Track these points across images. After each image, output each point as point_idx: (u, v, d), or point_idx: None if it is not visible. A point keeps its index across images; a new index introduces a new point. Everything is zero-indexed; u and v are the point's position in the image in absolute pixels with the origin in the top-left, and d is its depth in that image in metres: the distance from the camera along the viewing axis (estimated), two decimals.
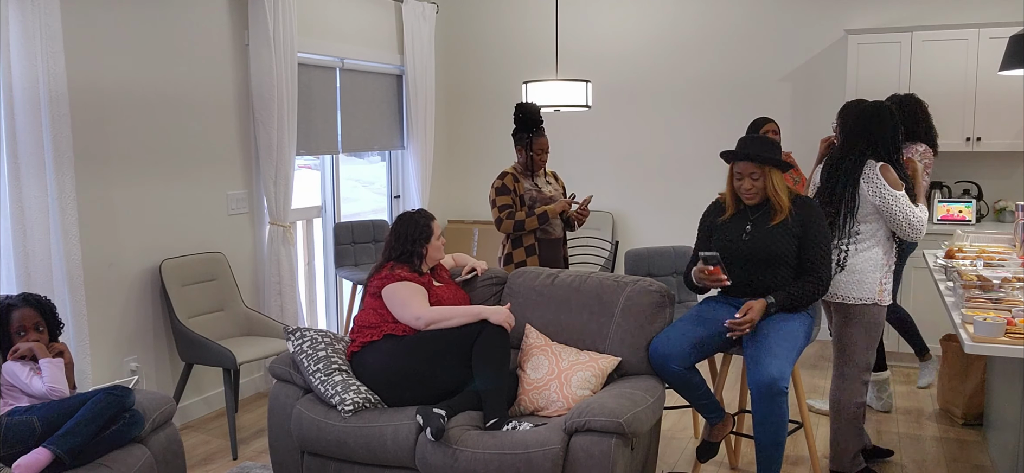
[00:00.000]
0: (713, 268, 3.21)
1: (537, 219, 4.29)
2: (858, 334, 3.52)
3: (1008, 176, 5.60)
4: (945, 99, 5.34)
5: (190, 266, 4.45)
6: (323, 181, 5.92)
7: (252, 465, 3.94)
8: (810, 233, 3.29)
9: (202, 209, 4.66)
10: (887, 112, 3.53)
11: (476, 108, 6.99)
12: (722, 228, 3.43)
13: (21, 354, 3.00)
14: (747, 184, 3.30)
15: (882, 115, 3.52)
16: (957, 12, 5.55)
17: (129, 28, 4.17)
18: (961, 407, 4.38)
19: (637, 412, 2.95)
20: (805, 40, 6.02)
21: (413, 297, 3.37)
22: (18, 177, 3.60)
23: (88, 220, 3.99)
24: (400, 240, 3.54)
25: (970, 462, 3.92)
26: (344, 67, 5.77)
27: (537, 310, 3.55)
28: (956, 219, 5.27)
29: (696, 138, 6.34)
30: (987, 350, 2.75)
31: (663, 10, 6.37)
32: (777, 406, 3.07)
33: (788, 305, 3.24)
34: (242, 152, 4.90)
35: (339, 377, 3.26)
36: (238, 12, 4.81)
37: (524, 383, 3.33)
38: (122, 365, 4.23)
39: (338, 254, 5.71)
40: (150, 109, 4.31)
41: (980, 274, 3.45)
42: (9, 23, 3.51)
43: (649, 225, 6.59)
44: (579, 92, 4.91)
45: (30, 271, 3.66)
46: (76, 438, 2.77)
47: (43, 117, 3.64)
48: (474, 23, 6.96)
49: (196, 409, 4.64)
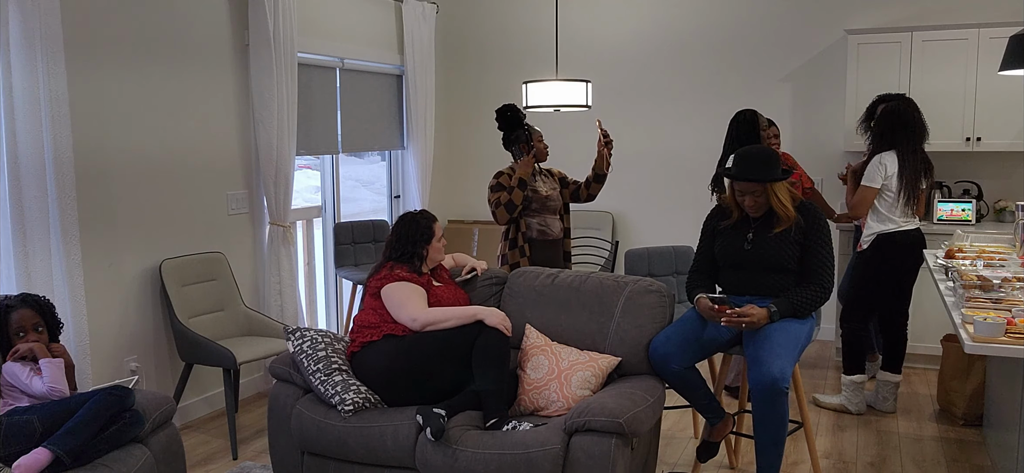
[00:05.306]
0: (720, 307, 3.22)
1: (518, 186, 4.27)
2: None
3: (1008, 176, 5.60)
4: (945, 99, 5.34)
5: (190, 266, 4.45)
6: (323, 181, 5.92)
7: (252, 465, 3.94)
8: (812, 240, 3.28)
9: (202, 209, 4.66)
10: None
11: (476, 108, 6.98)
12: (725, 234, 3.43)
13: (21, 354, 3.00)
14: (749, 201, 3.30)
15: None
16: (957, 12, 5.55)
17: (130, 29, 4.17)
18: (961, 407, 4.38)
19: (637, 412, 2.95)
20: (805, 40, 6.02)
21: (410, 298, 3.36)
22: (18, 177, 3.60)
23: (88, 219, 3.99)
24: (401, 240, 3.54)
25: (970, 462, 3.92)
26: (344, 67, 5.77)
27: (537, 310, 3.55)
28: (956, 219, 5.27)
29: (696, 138, 6.34)
30: (987, 350, 2.75)
31: (663, 10, 6.38)
32: (777, 406, 3.06)
33: (790, 313, 3.24)
34: (242, 152, 4.91)
35: (339, 377, 3.26)
36: (238, 12, 4.81)
37: (524, 383, 3.33)
38: (122, 365, 4.23)
39: (338, 254, 5.71)
40: (150, 108, 4.31)
41: (980, 274, 3.45)
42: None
43: (649, 225, 6.59)
44: (579, 92, 4.91)
45: (30, 271, 3.66)
46: (76, 438, 2.77)
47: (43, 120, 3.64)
48: (474, 23, 6.96)
49: (196, 409, 4.64)
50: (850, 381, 4.52)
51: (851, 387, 4.52)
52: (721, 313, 3.19)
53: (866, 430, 4.32)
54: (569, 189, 4.54)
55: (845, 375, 4.54)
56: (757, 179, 3.24)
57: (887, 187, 4.27)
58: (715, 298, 3.24)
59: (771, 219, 3.33)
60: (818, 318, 3.51)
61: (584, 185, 4.51)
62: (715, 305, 3.22)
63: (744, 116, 4.45)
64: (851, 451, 4.05)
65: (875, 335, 4.93)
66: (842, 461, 3.93)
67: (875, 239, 4.33)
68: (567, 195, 4.54)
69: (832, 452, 4.04)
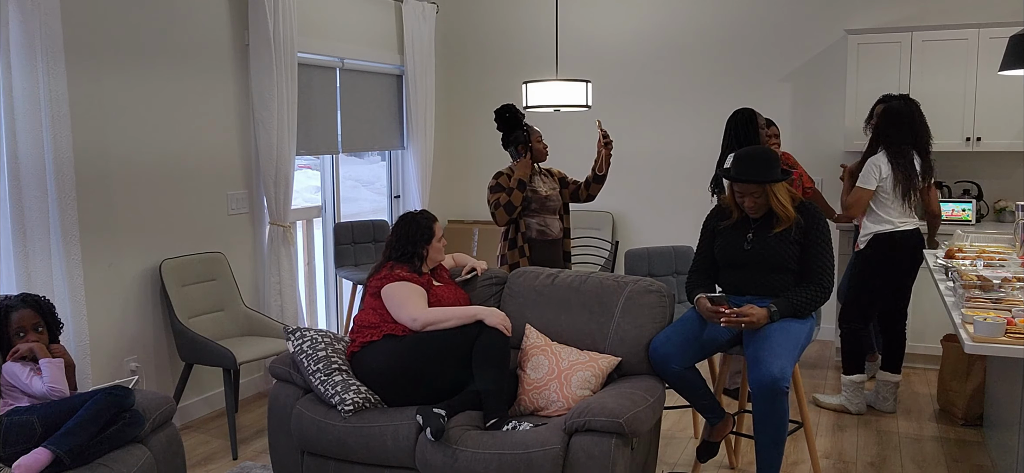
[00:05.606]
0: (719, 307, 3.22)
1: (517, 187, 4.28)
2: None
3: (1008, 176, 5.60)
4: (945, 99, 5.34)
5: (190, 266, 4.45)
6: (323, 181, 5.92)
7: (252, 465, 3.94)
8: (812, 240, 3.28)
9: (202, 209, 4.66)
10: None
11: (476, 108, 6.99)
12: (724, 233, 3.43)
13: (21, 354, 3.00)
14: (749, 202, 3.30)
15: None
16: (957, 12, 5.55)
17: (130, 29, 4.17)
18: (961, 407, 4.38)
19: (637, 412, 2.95)
20: (805, 40, 6.02)
21: (410, 298, 3.36)
22: (18, 177, 3.60)
23: (88, 219, 3.99)
24: (401, 240, 3.54)
25: (970, 462, 3.92)
26: (344, 67, 5.77)
27: (537, 310, 3.55)
28: (956, 219, 5.27)
29: (696, 138, 6.34)
30: (987, 350, 2.75)
31: (663, 10, 6.38)
32: (778, 406, 3.06)
33: (790, 313, 3.23)
34: (242, 152, 4.91)
35: (339, 377, 3.26)
36: (238, 13, 4.81)
37: (524, 383, 3.33)
38: (122, 365, 4.23)
39: (338, 254, 5.71)
40: (150, 108, 4.31)
41: (980, 274, 3.45)
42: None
43: (649, 225, 6.59)
44: (579, 92, 4.91)
45: (30, 271, 3.66)
46: (76, 438, 2.77)
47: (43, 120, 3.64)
48: (474, 23, 6.96)
49: (196, 409, 4.64)
50: (850, 381, 4.52)
51: (851, 387, 4.52)
52: (720, 314, 3.19)
53: (866, 430, 4.32)
54: (569, 189, 4.54)
55: (845, 375, 4.54)
56: (756, 180, 3.24)
57: (883, 188, 4.27)
58: (714, 297, 3.24)
59: (771, 219, 3.32)
60: (818, 318, 3.51)
61: (584, 185, 4.51)
62: (714, 306, 3.22)
63: (742, 115, 4.44)
64: (851, 451, 4.05)
65: (875, 335, 4.93)
66: (842, 461, 3.93)
67: (872, 239, 4.34)
68: (567, 195, 4.54)
69: (832, 452, 4.04)
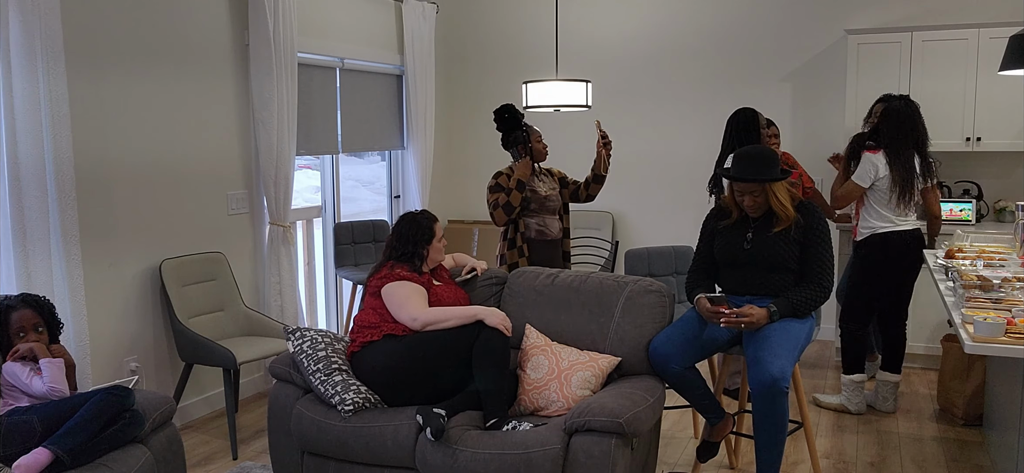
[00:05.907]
0: (718, 307, 3.22)
1: (517, 187, 4.29)
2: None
3: (1008, 176, 5.60)
4: (945, 99, 5.34)
5: (190, 266, 4.45)
6: (323, 181, 5.92)
7: (252, 465, 3.94)
8: (812, 240, 3.28)
9: (202, 209, 4.66)
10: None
11: (476, 108, 6.99)
12: (724, 233, 3.43)
13: (21, 354, 3.00)
14: (749, 201, 3.30)
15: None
16: (957, 12, 5.55)
17: (130, 30, 4.17)
18: (961, 407, 4.38)
19: (637, 412, 2.95)
20: (805, 40, 6.02)
21: (411, 298, 3.37)
22: (18, 178, 3.60)
23: (88, 220, 3.99)
24: (402, 240, 3.55)
25: (970, 462, 3.92)
26: (344, 67, 5.77)
27: (537, 310, 3.55)
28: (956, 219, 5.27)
29: (696, 138, 6.34)
30: (987, 350, 2.75)
31: (663, 10, 6.38)
32: (778, 406, 3.06)
33: (790, 313, 3.23)
34: (242, 152, 4.91)
35: (339, 377, 3.26)
36: (238, 13, 4.81)
37: (524, 383, 3.33)
38: (122, 365, 4.23)
39: (338, 254, 5.71)
40: (150, 109, 4.31)
41: (980, 274, 3.45)
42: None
43: (649, 225, 6.59)
44: (579, 92, 4.91)
45: (30, 271, 3.66)
46: (76, 438, 2.77)
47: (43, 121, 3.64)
48: (474, 23, 6.96)
49: (196, 409, 4.64)
50: (850, 381, 4.52)
51: (851, 387, 4.52)
52: (720, 314, 3.19)
53: (866, 430, 4.32)
54: (569, 189, 4.54)
55: (845, 375, 4.54)
56: (756, 179, 3.24)
57: (879, 188, 4.27)
58: (714, 297, 3.24)
59: (770, 219, 3.33)
60: (818, 318, 3.52)
61: (583, 185, 4.51)
62: (714, 306, 3.22)
63: (743, 115, 4.44)
64: (851, 451, 4.05)
65: (874, 335, 4.93)
66: (842, 461, 3.93)
67: (870, 237, 4.34)
68: (566, 195, 4.54)
69: (832, 452, 4.04)
